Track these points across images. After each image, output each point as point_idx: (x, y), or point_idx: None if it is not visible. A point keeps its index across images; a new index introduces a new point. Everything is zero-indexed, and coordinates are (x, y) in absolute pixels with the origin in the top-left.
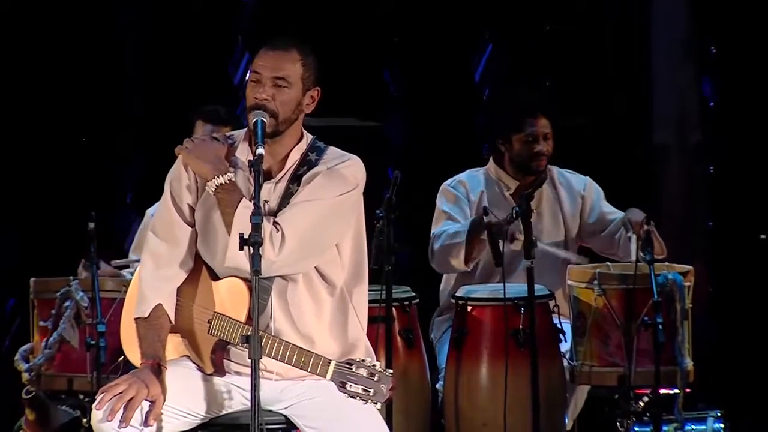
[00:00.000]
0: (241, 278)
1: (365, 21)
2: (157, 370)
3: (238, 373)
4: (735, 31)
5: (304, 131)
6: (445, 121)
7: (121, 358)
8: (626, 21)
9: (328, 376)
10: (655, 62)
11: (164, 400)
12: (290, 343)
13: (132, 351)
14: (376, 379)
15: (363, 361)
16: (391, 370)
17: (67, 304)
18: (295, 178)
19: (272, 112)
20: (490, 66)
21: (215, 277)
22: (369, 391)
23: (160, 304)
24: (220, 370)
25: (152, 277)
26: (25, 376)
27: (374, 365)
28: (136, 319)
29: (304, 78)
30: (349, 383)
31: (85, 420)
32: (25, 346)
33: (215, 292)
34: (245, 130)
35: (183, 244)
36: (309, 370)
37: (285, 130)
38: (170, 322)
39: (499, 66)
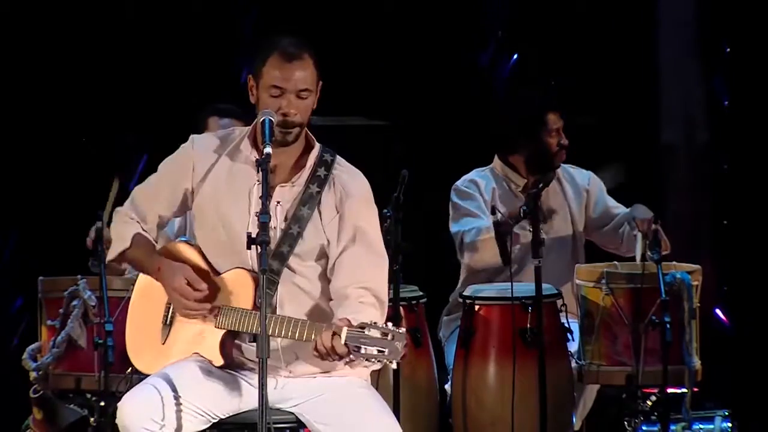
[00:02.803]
0: (244, 269)
1: (372, 19)
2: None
3: (252, 370)
4: (747, 29)
5: (308, 132)
6: (453, 119)
7: (129, 370)
8: (634, 19)
9: (343, 340)
10: (663, 61)
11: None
12: (298, 319)
13: (139, 358)
14: (389, 338)
15: (374, 323)
16: (404, 328)
17: (74, 303)
18: (315, 179)
19: (299, 124)
20: (512, 71)
21: (216, 272)
22: (384, 351)
23: (137, 233)
24: (230, 361)
25: (128, 221)
26: (33, 375)
27: (386, 325)
28: (121, 253)
29: (317, 80)
30: (363, 347)
31: (92, 419)
32: (32, 345)
33: (218, 286)
34: (248, 128)
35: (154, 223)
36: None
37: (300, 133)
38: (153, 242)
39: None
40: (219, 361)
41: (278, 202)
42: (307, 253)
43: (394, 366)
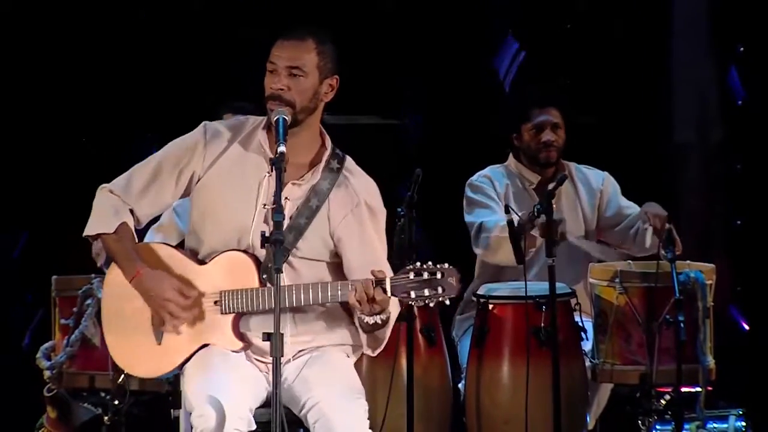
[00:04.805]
0: (238, 250)
1: (385, 19)
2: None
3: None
4: (761, 27)
5: (322, 128)
6: (466, 118)
7: (121, 378)
8: (648, 19)
9: (388, 291)
10: (676, 60)
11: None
12: (311, 283)
13: (134, 364)
14: (439, 276)
15: (417, 265)
16: (448, 265)
17: (88, 302)
18: (328, 173)
19: (288, 101)
20: (519, 69)
21: (200, 262)
22: (436, 290)
23: (124, 222)
24: (247, 343)
25: (120, 205)
26: (47, 373)
27: (430, 264)
28: (101, 234)
29: (320, 66)
30: (412, 291)
31: (106, 418)
32: (46, 344)
33: (208, 274)
34: (263, 118)
35: (151, 208)
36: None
37: (304, 120)
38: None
39: (520, 65)
40: (237, 345)
41: (287, 198)
42: (310, 246)
43: (447, 302)
